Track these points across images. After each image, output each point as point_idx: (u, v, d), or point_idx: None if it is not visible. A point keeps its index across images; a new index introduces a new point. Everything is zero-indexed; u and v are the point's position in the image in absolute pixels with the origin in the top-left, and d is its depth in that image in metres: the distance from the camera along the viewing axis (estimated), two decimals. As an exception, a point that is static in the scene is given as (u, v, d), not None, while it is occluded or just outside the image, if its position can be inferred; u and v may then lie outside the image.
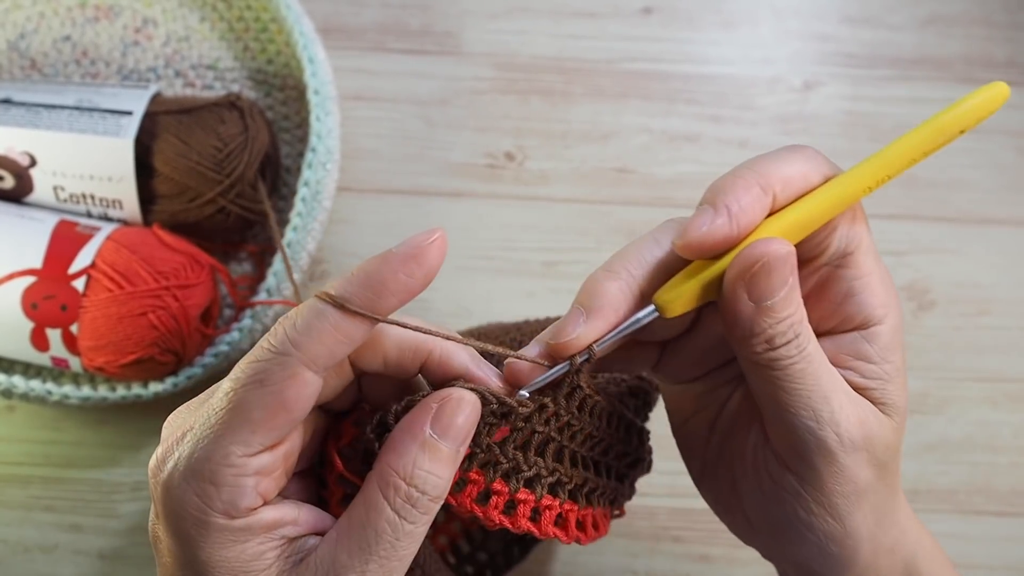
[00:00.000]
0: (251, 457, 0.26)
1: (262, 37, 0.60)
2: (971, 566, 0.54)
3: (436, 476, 0.27)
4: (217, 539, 0.26)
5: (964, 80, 0.63)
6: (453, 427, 0.27)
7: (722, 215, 0.28)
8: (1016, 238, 0.60)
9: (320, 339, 0.26)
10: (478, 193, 0.60)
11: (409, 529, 0.27)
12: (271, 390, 0.26)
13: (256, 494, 0.27)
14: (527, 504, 0.30)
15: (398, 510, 0.27)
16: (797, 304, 0.28)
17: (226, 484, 0.26)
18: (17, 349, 0.50)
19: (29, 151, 0.51)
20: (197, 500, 0.26)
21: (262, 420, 0.26)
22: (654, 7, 0.64)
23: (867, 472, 0.30)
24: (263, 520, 0.27)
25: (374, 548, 0.27)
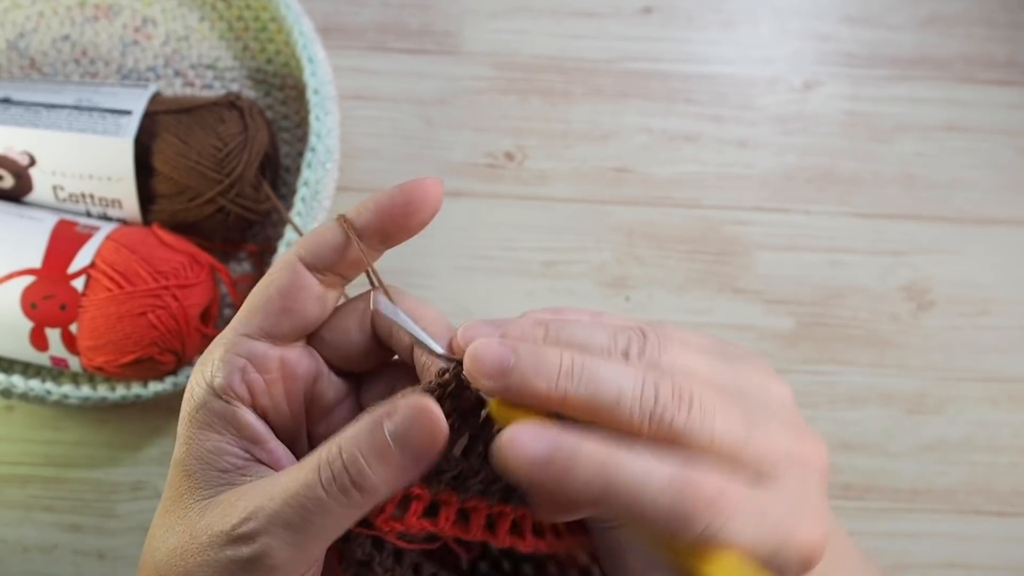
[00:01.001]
0: (245, 337, 0.29)
1: (261, 36, 0.60)
2: (971, 566, 0.54)
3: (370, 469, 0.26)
4: (196, 415, 0.29)
5: (964, 80, 0.63)
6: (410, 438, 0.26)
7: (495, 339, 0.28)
8: (1016, 238, 0.60)
9: (317, 242, 0.30)
10: (478, 193, 0.60)
11: (320, 495, 0.26)
12: (270, 280, 0.30)
13: (240, 379, 0.29)
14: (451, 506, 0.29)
15: (321, 471, 0.26)
16: None
17: (218, 357, 0.29)
18: (16, 349, 0.50)
19: (28, 150, 0.51)
20: (199, 370, 0.30)
21: (259, 305, 0.30)
22: (654, 7, 0.64)
23: None
24: (238, 417, 0.29)
25: (293, 497, 0.26)
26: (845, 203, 0.60)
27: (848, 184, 0.61)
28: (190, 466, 0.29)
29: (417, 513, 0.28)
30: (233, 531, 0.27)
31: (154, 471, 0.54)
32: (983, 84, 0.63)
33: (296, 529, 0.26)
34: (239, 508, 0.27)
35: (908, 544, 0.55)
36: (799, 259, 0.59)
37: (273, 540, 0.26)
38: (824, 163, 0.61)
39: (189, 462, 0.29)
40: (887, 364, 0.57)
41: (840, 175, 0.61)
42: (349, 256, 0.30)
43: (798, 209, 0.60)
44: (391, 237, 0.30)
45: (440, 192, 0.30)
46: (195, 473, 0.29)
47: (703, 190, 0.60)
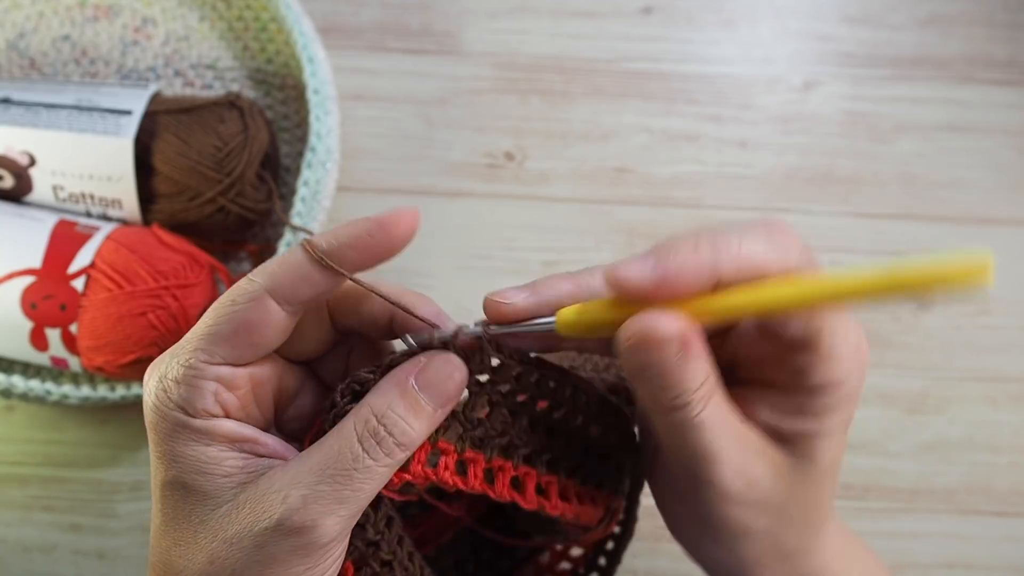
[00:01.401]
0: (211, 365, 0.29)
1: (262, 37, 0.60)
2: (970, 566, 0.54)
3: (407, 424, 0.28)
4: (180, 434, 0.29)
5: (964, 80, 0.63)
6: (435, 385, 0.29)
7: (656, 272, 0.27)
8: (1016, 238, 0.60)
9: (284, 274, 0.29)
10: (478, 193, 0.60)
11: (369, 464, 0.28)
12: (235, 308, 0.29)
13: (215, 401, 0.29)
14: (478, 464, 0.30)
15: (363, 442, 0.28)
16: (690, 378, 0.27)
17: (185, 383, 0.29)
18: (16, 349, 0.50)
19: (28, 150, 0.51)
20: (164, 395, 0.29)
21: (223, 334, 0.29)
22: (654, 7, 0.64)
23: (754, 520, 0.31)
24: (223, 428, 0.29)
25: (332, 471, 0.28)
26: (845, 203, 0.60)
27: (848, 184, 0.61)
28: (190, 481, 0.29)
29: (449, 468, 0.30)
30: (283, 524, 0.27)
31: (154, 471, 0.54)
32: (983, 84, 0.63)
33: (346, 500, 0.28)
34: (275, 501, 0.27)
35: (908, 544, 0.55)
36: (799, 259, 0.59)
37: (328, 519, 0.27)
38: (824, 163, 0.61)
39: (188, 478, 0.29)
40: (887, 364, 0.57)
41: (840, 175, 0.61)
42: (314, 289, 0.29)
43: (798, 209, 0.60)
44: (360, 266, 0.30)
45: (415, 221, 0.30)
46: (199, 487, 0.29)
47: (703, 190, 0.60)
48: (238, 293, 0.29)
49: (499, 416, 0.31)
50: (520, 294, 0.30)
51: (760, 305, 0.27)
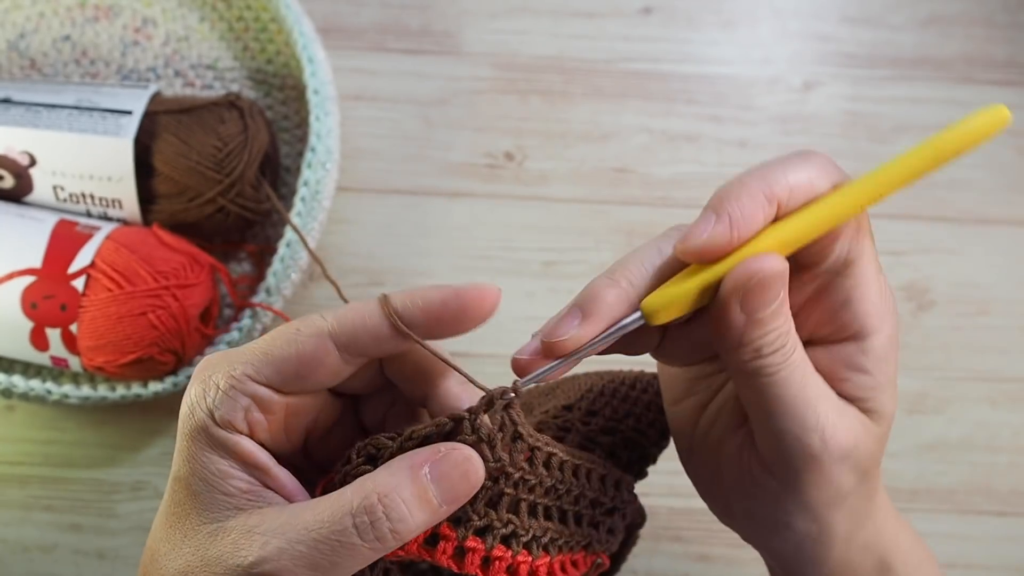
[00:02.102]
0: (253, 383, 0.29)
1: (262, 37, 0.60)
2: (970, 566, 0.54)
3: (408, 511, 0.27)
4: (199, 437, 0.29)
5: (964, 80, 0.63)
6: (449, 480, 0.27)
7: (723, 222, 0.28)
8: (1016, 238, 0.60)
9: (354, 323, 0.29)
10: (477, 193, 0.60)
11: (355, 543, 0.26)
12: (297, 337, 0.29)
13: (243, 418, 0.29)
14: (476, 552, 0.29)
15: (356, 517, 0.27)
16: (786, 316, 0.29)
17: (221, 389, 0.28)
18: (17, 348, 0.50)
19: (29, 151, 0.51)
20: (202, 394, 0.29)
21: (276, 357, 0.29)
22: (654, 7, 0.64)
23: (849, 478, 0.31)
24: (239, 446, 0.29)
25: (315, 536, 0.27)
26: (845, 203, 0.60)
27: (848, 184, 0.61)
28: (195, 486, 0.29)
29: (418, 542, 0.29)
30: (252, 569, 0.27)
31: (154, 471, 0.54)
32: (983, 84, 0.63)
33: (320, 569, 0.26)
34: (255, 543, 0.27)
35: (908, 544, 0.55)
36: (799, 259, 0.59)
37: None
38: (824, 163, 0.61)
39: (193, 482, 0.29)
40: (887, 364, 0.57)
41: (840, 175, 0.61)
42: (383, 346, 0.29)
43: (798, 209, 0.60)
44: (431, 334, 0.29)
45: (497, 300, 0.29)
46: (200, 494, 0.29)
47: (703, 190, 0.60)
48: (305, 324, 0.29)
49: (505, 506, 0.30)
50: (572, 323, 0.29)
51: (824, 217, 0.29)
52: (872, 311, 0.30)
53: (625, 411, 0.38)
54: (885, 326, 0.31)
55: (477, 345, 0.45)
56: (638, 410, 0.38)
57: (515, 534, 0.30)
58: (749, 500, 0.33)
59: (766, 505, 0.32)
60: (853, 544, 0.33)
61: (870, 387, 0.31)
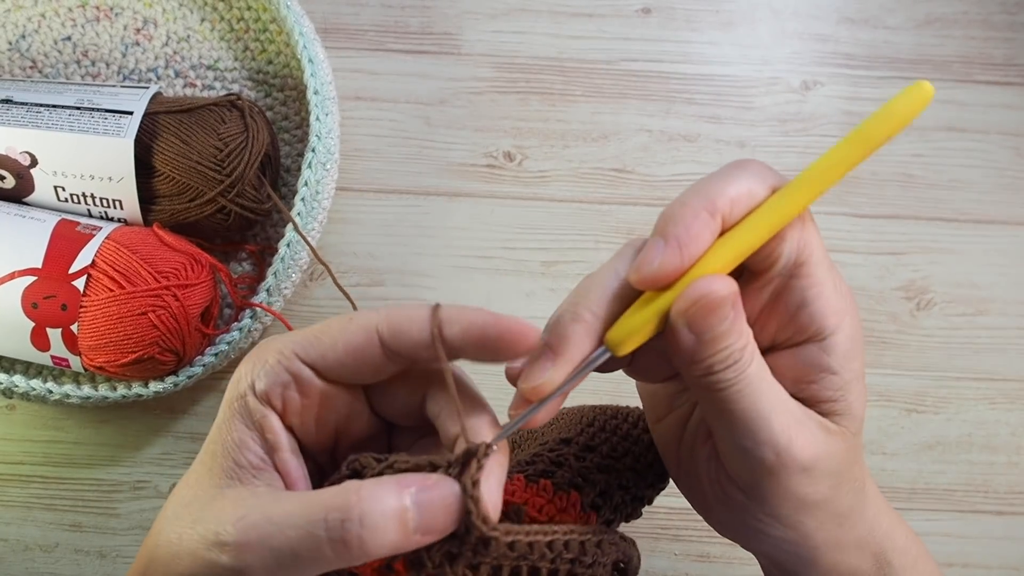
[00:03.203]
0: (298, 359, 0.30)
1: (262, 37, 0.60)
2: (969, 565, 0.55)
3: (383, 526, 0.26)
4: (234, 403, 0.30)
5: (963, 80, 0.63)
6: (430, 510, 0.27)
7: (672, 246, 0.28)
8: (1014, 238, 0.60)
9: (400, 327, 0.29)
10: (477, 193, 0.60)
11: (320, 537, 0.26)
12: (346, 329, 0.30)
13: (280, 393, 0.30)
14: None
15: (329, 518, 0.26)
16: (739, 333, 0.29)
17: (267, 363, 0.30)
18: (18, 348, 0.50)
19: (30, 151, 0.51)
20: (251, 364, 0.30)
21: (323, 344, 0.30)
22: (653, 7, 0.64)
23: (816, 488, 0.31)
24: (266, 419, 0.30)
25: (289, 523, 0.27)
26: (844, 203, 0.60)
27: (847, 184, 0.61)
28: (215, 449, 0.30)
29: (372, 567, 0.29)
30: (221, 536, 0.27)
31: (155, 470, 0.54)
32: (981, 85, 0.63)
33: (280, 560, 0.26)
34: (236, 514, 0.27)
35: (906, 543, 0.55)
36: (798, 259, 0.59)
37: (256, 561, 0.26)
38: (823, 163, 0.61)
39: (215, 445, 0.30)
40: (886, 364, 0.57)
41: (839, 175, 0.61)
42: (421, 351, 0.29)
43: (797, 209, 0.60)
44: (468, 355, 0.30)
45: (533, 343, 0.29)
46: (216, 457, 0.30)
47: (702, 190, 0.60)
48: (358, 316, 0.30)
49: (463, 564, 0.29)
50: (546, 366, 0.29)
51: (767, 223, 0.29)
52: (829, 310, 0.30)
53: (624, 449, 0.37)
54: (845, 323, 0.31)
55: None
56: (638, 450, 0.38)
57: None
58: (725, 511, 0.33)
59: (739, 516, 0.32)
60: (844, 545, 0.33)
61: (838, 387, 0.31)
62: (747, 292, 0.30)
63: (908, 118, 0.29)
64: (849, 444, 0.31)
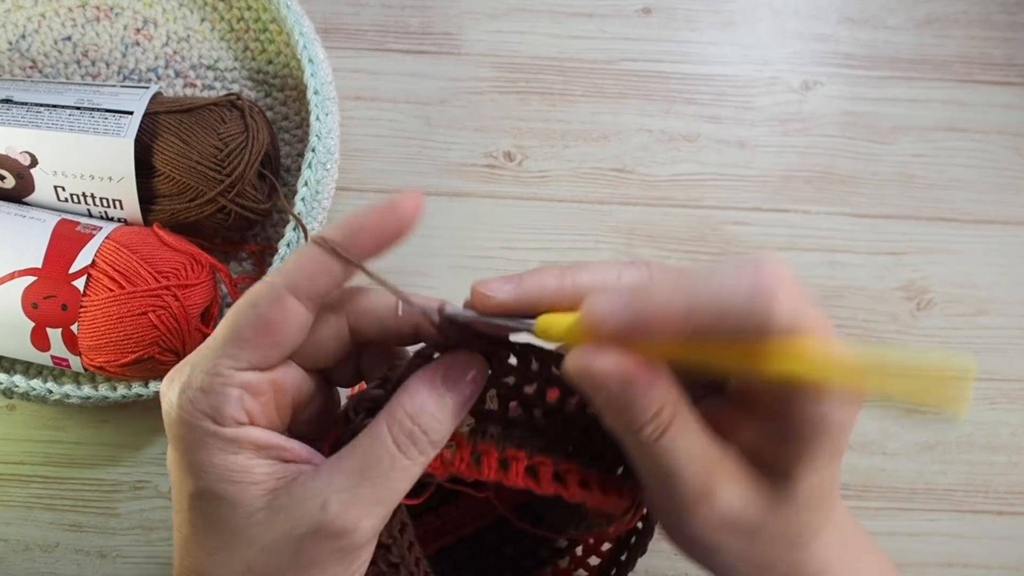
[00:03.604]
0: (237, 371, 0.29)
1: (262, 37, 0.60)
2: (969, 565, 0.55)
3: (439, 421, 0.29)
4: (207, 443, 0.29)
5: (963, 80, 0.63)
6: (459, 383, 0.30)
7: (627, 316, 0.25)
8: (1014, 238, 0.60)
9: (301, 268, 0.29)
10: (477, 193, 0.60)
11: (405, 464, 0.29)
12: (259, 311, 0.29)
13: (240, 408, 0.29)
14: (491, 455, 0.31)
15: (399, 443, 0.29)
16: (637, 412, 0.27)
17: (212, 391, 0.29)
18: (18, 348, 0.50)
19: (30, 151, 0.51)
20: (189, 405, 0.29)
21: (248, 337, 0.29)
22: (653, 7, 0.64)
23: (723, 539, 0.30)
24: (251, 436, 0.29)
25: (369, 473, 0.28)
26: (844, 203, 0.60)
27: (847, 184, 0.61)
28: (218, 491, 0.28)
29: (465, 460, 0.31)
30: (325, 526, 0.28)
31: (155, 470, 0.54)
32: (981, 84, 0.63)
33: (383, 500, 0.29)
34: (314, 505, 0.28)
35: (906, 543, 0.55)
36: (798, 259, 0.59)
37: (367, 520, 0.28)
38: (823, 163, 0.61)
39: (215, 488, 0.29)
40: (886, 364, 0.57)
41: (839, 175, 0.61)
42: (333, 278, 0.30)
43: (797, 209, 0.60)
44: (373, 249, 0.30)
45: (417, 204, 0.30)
46: (227, 496, 0.28)
47: (702, 190, 0.60)
48: (258, 296, 0.29)
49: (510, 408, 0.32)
50: (505, 286, 0.30)
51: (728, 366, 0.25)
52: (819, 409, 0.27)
53: None
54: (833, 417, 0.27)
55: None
56: None
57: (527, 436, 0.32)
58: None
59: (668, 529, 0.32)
60: None
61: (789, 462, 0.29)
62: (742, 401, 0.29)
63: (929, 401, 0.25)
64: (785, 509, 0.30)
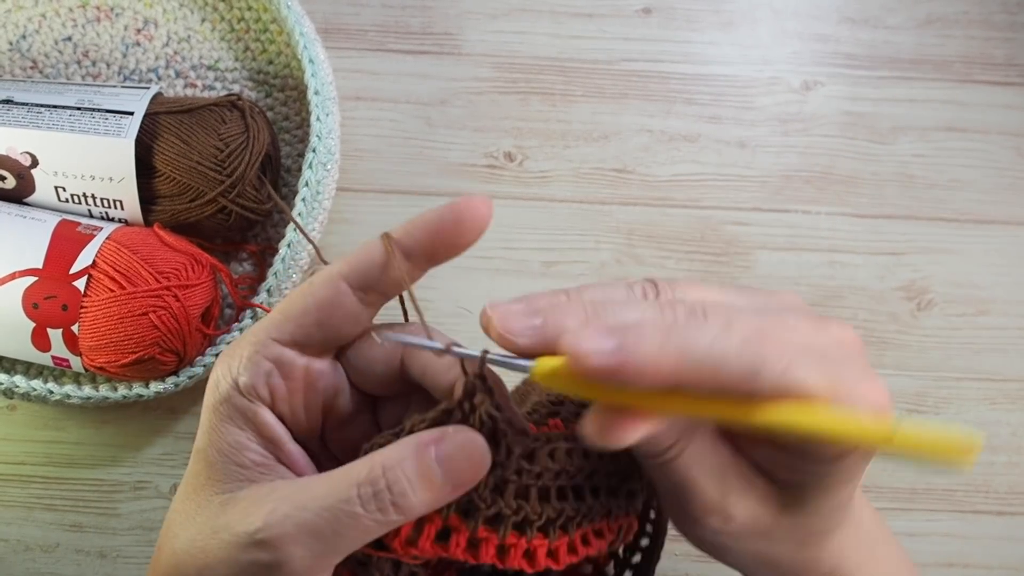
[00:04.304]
0: (275, 343, 0.29)
1: (263, 38, 0.60)
2: (969, 565, 0.55)
3: (409, 488, 0.27)
4: (220, 407, 0.29)
5: (963, 80, 0.63)
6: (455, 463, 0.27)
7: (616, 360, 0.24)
8: (1015, 238, 0.60)
9: (359, 260, 0.29)
10: (477, 193, 0.60)
11: (358, 512, 0.27)
12: (310, 291, 0.30)
13: (265, 383, 0.29)
14: (490, 542, 0.29)
15: (360, 488, 0.27)
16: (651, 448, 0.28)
17: (245, 357, 0.29)
18: (18, 349, 0.50)
19: (30, 151, 0.51)
20: (225, 363, 0.30)
21: (295, 314, 0.30)
22: (654, 7, 0.64)
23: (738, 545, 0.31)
24: (259, 417, 0.29)
25: (320, 504, 0.27)
26: (844, 203, 0.60)
27: (847, 184, 0.61)
28: (211, 457, 0.29)
29: (430, 538, 0.29)
30: (256, 534, 0.27)
31: (155, 471, 0.54)
32: (982, 85, 0.63)
33: (325, 541, 0.27)
34: (263, 511, 0.27)
35: (906, 543, 0.55)
36: (798, 259, 0.59)
37: (298, 549, 0.27)
38: (823, 163, 0.61)
39: (210, 453, 0.29)
40: (886, 364, 0.57)
41: (839, 175, 0.61)
42: (392, 274, 0.30)
43: (797, 209, 0.60)
44: (437, 256, 0.30)
45: (490, 211, 0.29)
46: (215, 464, 0.29)
47: (703, 190, 0.60)
48: (318, 275, 0.30)
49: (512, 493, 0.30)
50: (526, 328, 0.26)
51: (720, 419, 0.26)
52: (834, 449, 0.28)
53: None
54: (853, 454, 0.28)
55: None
56: None
57: (527, 520, 0.30)
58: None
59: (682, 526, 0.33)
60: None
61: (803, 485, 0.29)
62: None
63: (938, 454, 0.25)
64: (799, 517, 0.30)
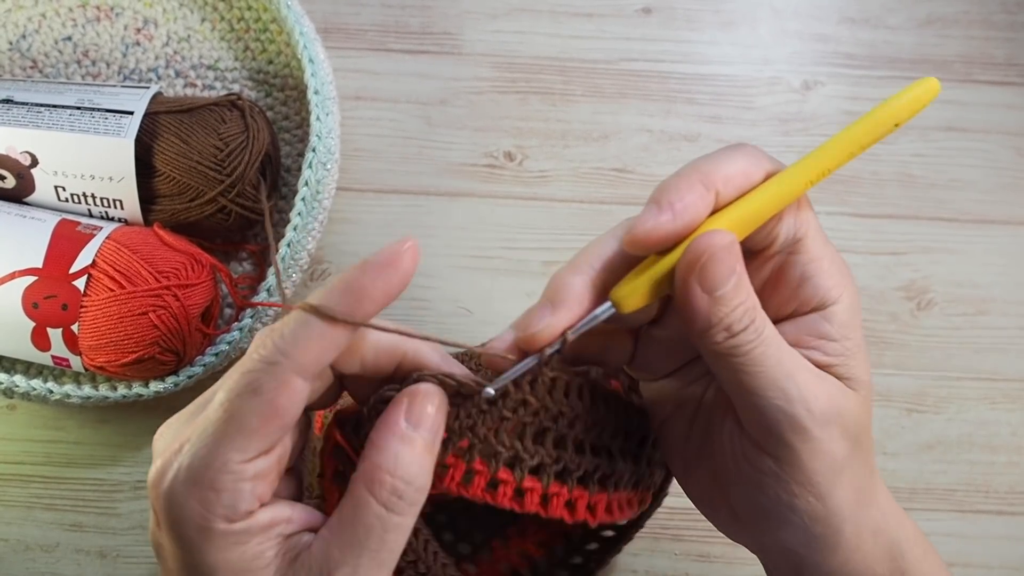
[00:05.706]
0: (248, 463, 0.27)
1: (263, 37, 0.60)
2: (969, 565, 0.55)
3: (417, 466, 0.28)
4: (219, 543, 0.27)
5: (963, 80, 0.63)
6: (425, 417, 0.29)
7: (666, 212, 0.29)
8: (1015, 238, 0.60)
9: (307, 347, 0.27)
10: (477, 193, 0.60)
11: (397, 522, 0.28)
12: (265, 399, 0.27)
13: (254, 497, 0.28)
14: (508, 484, 0.31)
15: (385, 503, 0.28)
16: (748, 291, 0.30)
17: (226, 490, 0.27)
18: (18, 348, 0.50)
19: (30, 151, 0.51)
20: (199, 507, 0.27)
21: (257, 427, 0.27)
22: (654, 7, 0.64)
23: (841, 445, 0.31)
24: (260, 521, 0.28)
25: (364, 543, 0.28)
26: (844, 203, 0.60)
27: (847, 184, 0.61)
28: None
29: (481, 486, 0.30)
30: None
31: (155, 470, 0.54)
32: (982, 84, 0.63)
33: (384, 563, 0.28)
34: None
35: (907, 543, 0.55)
36: (798, 259, 0.59)
37: None
38: (823, 163, 0.61)
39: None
40: (886, 363, 0.57)
41: (839, 175, 0.61)
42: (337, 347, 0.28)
43: (797, 209, 0.60)
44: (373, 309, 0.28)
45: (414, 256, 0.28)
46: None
47: (702, 190, 0.60)
48: (260, 380, 0.27)
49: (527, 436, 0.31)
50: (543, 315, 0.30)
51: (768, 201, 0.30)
52: (829, 281, 0.32)
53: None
54: (845, 293, 0.32)
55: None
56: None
57: (543, 464, 0.31)
58: (751, 492, 0.33)
59: (768, 491, 0.32)
60: (862, 528, 0.33)
61: (839, 353, 0.32)
62: (748, 269, 0.31)
63: (913, 111, 0.30)
64: (862, 405, 0.32)
